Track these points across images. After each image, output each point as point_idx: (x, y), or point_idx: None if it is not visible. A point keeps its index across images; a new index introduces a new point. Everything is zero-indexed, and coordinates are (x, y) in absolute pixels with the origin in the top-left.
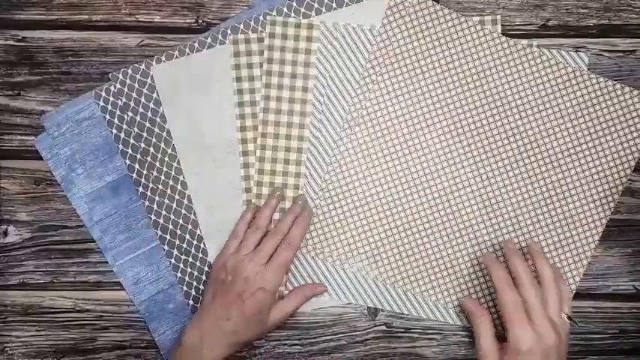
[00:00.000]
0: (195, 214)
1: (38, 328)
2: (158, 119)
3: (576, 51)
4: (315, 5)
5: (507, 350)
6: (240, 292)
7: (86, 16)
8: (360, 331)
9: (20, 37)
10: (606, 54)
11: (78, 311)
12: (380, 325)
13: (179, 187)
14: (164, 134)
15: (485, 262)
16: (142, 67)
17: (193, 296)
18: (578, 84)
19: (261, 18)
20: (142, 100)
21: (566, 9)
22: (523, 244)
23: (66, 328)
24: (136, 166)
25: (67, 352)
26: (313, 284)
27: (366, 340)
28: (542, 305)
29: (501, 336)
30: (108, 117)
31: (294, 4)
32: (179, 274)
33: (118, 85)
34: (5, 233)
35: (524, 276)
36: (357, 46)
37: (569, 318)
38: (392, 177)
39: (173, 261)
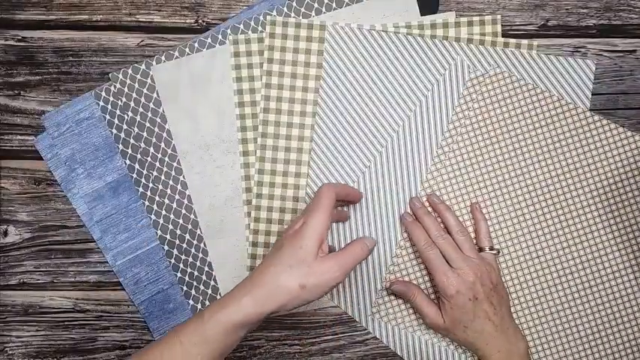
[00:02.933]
0: (195, 214)
1: (38, 328)
2: (158, 119)
3: (582, 55)
4: (315, 5)
5: (441, 300)
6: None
7: (86, 16)
8: (360, 331)
9: (20, 37)
10: (606, 54)
11: (78, 311)
12: None
13: (179, 187)
14: (164, 134)
15: (405, 225)
16: (142, 67)
17: (193, 296)
18: None
19: (261, 18)
20: (142, 100)
21: (566, 9)
22: (602, 309)
23: (66, 328)
24: (136, 166)
25: (67, 352)
26: (360, 240)
27: (366, 340)
28: (457, 250)
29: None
30: (108, 117)
31: (294, 4)
32: (179, 274)
33: (118, 85)
34: (5, 233)
35: (434, 230)
36: (363, 46)
37: (490, 249)
38: None
39: (173, 261)
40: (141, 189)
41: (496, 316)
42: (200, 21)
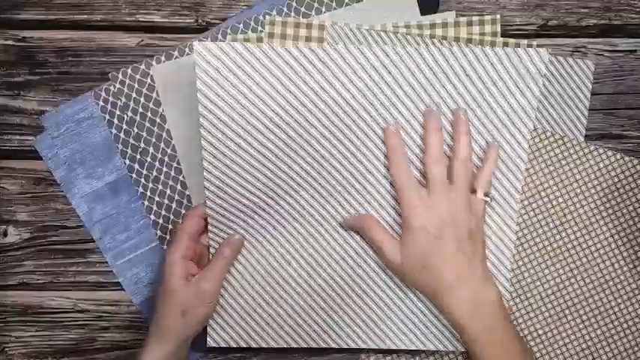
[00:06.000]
0: None
1: (38, 328)
2: (158, 119)
3: (582, 55)
4: (315, 5)
5: (403, 232)
6: None
7: (86, 16)
8: None
9: (20, 37)
10: (606, 54)
11: (78, 311)
12: None
13: (179, 187)
14: (164, 134)
15: (386, 133)
16: (142, 67)
17: None
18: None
19: (261, 18)
20: (142, 100)
21: (566, 9)
22: (606, 315)
23: (66, 328)
24: (136, 166)
25: (67, 352)
26: (225, 240)
27: None
28: (444, 178)
29: None
30: (107, 117)
31: (294, 3)
32: None
33: (117, 85)
34: (5, 233)
35: (435, 150)
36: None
37: (485, 196)
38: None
39: None
40: (140, 189)
41: (461, 264)
42: (200, 21)
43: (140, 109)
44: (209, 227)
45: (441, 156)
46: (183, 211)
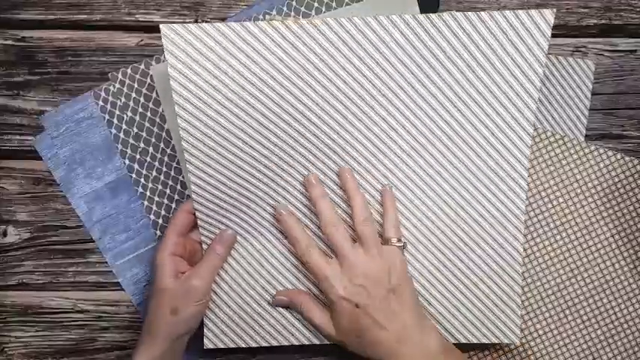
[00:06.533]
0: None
1: (37, 328)
2: (158, 119)
3: (582, 56)
4: (315, 5)
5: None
6: None
7: (85, 16)
8: None
9: (20, 37)
10: (607, 54)
11: (77, 312)
12: None
13: (179, 187)
14: (164, 134)
15: (281, 220)
16: (142, 66)
17: None
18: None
19: (260, 17)
20: (142, 99)
21: (567, 9)
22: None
23: (65, 328)
24: (136, 166)
25: (67, 352)
26: (219, 234)
27: None
28: (349, 242)
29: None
30: (107, 117)
31: (294, 3)
32: None
33: (117, 85)
34: (5, 233)
35: (327, 216)
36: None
37: (398, 241)
38: None
39: None
40: (140, 189)
41: (394, 324)
42: (200, 20)
43: (140, 109)
44: (198, 222)
45: (337, 220)
46: None
